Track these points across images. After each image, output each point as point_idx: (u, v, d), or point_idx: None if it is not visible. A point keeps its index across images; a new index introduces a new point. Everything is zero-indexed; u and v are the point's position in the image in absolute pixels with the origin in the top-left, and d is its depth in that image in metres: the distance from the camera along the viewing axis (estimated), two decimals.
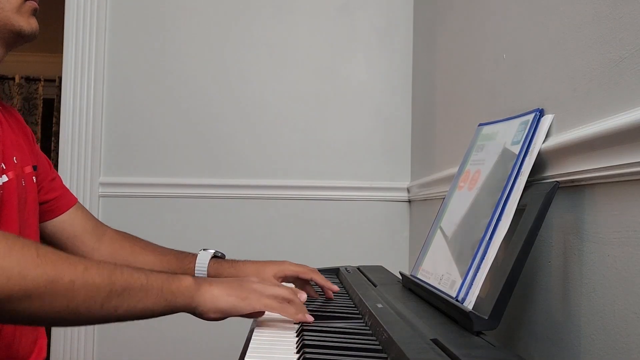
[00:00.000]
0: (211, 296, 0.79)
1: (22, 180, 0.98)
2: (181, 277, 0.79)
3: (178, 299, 0.77)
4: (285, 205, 2.00)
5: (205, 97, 2.01)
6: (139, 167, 2.01)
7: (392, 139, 2.01)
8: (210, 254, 1.12)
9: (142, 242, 1.19)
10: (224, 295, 0.80)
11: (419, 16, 1.95)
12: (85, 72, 1.97)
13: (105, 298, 0.71)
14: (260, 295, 0.82)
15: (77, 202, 1.17)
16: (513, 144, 0.87)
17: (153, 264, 1.14)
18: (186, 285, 0.78)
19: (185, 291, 0.78)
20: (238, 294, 0.80)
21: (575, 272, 0.77)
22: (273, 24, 2.02)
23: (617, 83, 0.69)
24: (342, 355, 0.67)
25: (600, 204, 0.72)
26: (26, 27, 0.97)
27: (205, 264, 1.11)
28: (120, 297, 0.72)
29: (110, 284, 0.71)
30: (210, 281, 0.82)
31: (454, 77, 1.46)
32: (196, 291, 0.79)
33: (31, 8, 0.98)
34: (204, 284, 0.80)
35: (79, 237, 1.13)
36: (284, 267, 1.09)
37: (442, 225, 1.00)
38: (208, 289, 0.79)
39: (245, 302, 0.80)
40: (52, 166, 1.14)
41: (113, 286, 0.72)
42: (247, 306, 0.80)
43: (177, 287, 0.77)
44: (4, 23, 0.94)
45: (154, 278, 0.76)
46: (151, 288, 0.75)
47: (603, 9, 0.73)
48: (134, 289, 0.73)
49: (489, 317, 0.71)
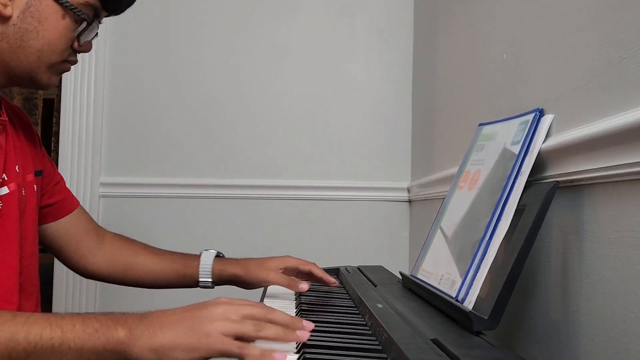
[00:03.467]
0: (152, 350, 0.66)
1: (23, 190, 0.97)
2: (112, 327, 0.67)
3: (106, 358, 0.66)
4: (285, 205, 2.00)
5: (206, 98, 2.01)
6: (139, 167, 2.01)
7: (392, 139, 2.01)
8: (213, 253, 1.14)
9: (141, 244, 1.20)
10: (168, 350, 0.66)
11: (419, 16, 1.95)
12: (85, 73, 1.97)
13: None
14: (219, 337, 0.67)
15: (79, 205, 1.17)
16: (513, 144, 0.87)
17: (155, 264, 1.15)
18: (117, 339, 0.66)
19: (114, 347, 0.66)
20: (187, 342, 0.66)
21: (575, 272, 0.77)
22: (273, 25, 2.02)
23: (617, 83, 0.69)
24: (342, 355, 0.67)
25: (599, 203, 0.72)
26: (44, 83, 0.93)
27: (210, 263, 1.12)
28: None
29: (10, 349, 0.64)
30: (155, 327, 0.67)
31: (454, 77, 1.46)
32: (132, 346, 0.66)
33: (64, 70, 0.95)
34: (143, 335, 0.66)
35: (80, 239, 1.14)
36: (285, 259, 1.13)
37: (442, 225, 1.00)
38: (148, 339, 0.66)
39: (195, 353, 0.66)
40: (56, 169, 1.14)
41: (13, 351, 0.64)
42: (199, 357, 0.66)
43: (103, 344, 0.66)
44: (30, 70, 0.90)
45: (73, 334, 0.66)
46: (67, 349, 0.65)
47: (603, 9, 0.73)
48: (42, 351, 0.64)
49: (489, 317, 0.71)
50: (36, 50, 0.89)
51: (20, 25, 0.87)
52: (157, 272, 1.15)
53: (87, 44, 0.96)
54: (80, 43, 0.94)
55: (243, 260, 1.15)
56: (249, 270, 1.11)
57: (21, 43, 0.88)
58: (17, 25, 0.87)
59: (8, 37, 0.87)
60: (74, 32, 0.92)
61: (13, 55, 0.88)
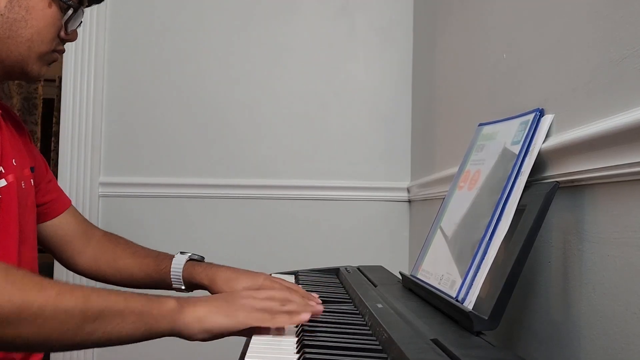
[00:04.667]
0: (196, 317, 0.75)
1: (22, 183, 0.96)
2: (163, 299, 0.75)
3: (160, 324, 0.74)
4: (285, 205, 2.00)
5: (206, 97, 2.01)
6: (139, 167, 2.01)
7: (392, 139, 2.01)
8: (185, 257, 1.08)
9: (124, 245, 1.15)
10: (209, 315, 0.76)
11: (419, 16, 1.95)
12: (85, 72, 1.97)
13: (78, 324, 0.68)
14: (251, 309, 0.77)
15: (71, 204, 1.15)
16: (513, 144, 0.87)
17: (132, 267, 1.12)
18: (168, 308, 0.75)
19: (167, 315, 0.74)
20: (225, 311, 0.76)
21: (575, 272, 0.77)
22: (273, 24, 2.02)
23: (617, 83, 0.69)
24: (342, 355, 0.67)
25: (600, 204, 0.72)
26: (36, 74, 0.94)
27: (180, 267, 1.07)
28: (95, 323, 0.69)
29: (84, 309, 0.69)
30: (196, 301, 0.77)
31: (454, 77, 1.46)
32: (179, 314, 0.75)
33: (54, 59, 0.96)
34: (187, 305, 0.76)
35: (68, 241, 1.12)
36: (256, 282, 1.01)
37: (442, 225, 1.00)
38: (192, 310, 0.75)
39: (233, 320, 0.76)
40: (48, 167, 1.13)
41: (87, 312, 0.69)
42: (237, 324, 0.76)
43: (158, 311, 0.74)
44: (21, 61, 0.91)
45: (133, 302, 0.73)
46: (129, 313, 0.72)
47: (603, 9, 0.73)
48: (110, 314, 0.70)
49: (489, 317, 0.71)
50: (26, 39, 0.89)
51: (9, 16, 0.87)
52: (134, 274, 1.11)
53: (74, 33, 0.97)
54: (67, 31, 0.95)
55: (215, 268, 1.06)
56: (215, 283, 1.03)
57: (10, 33, 0.88)
58: (5, 16, 0.87)
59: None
60: (60, 20, 0.93)
61: (3, 46, 0.88)
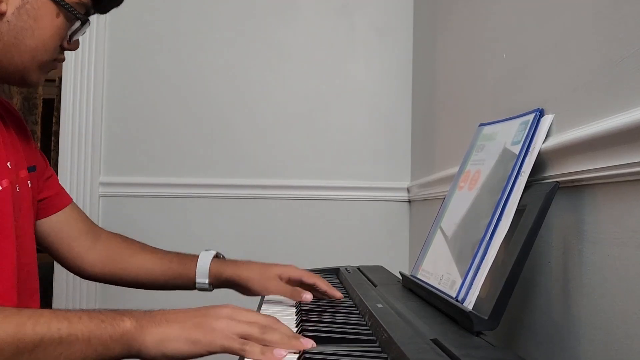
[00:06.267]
0: (156, 340, 0.69)
1: (17, 186, 0.94)
2: (119, 318, 0.69)
3: (112, 349, 0.68)
4: (285, 205, 2.00)
5: (206, 97, 2.01)
6: (139, 167, 2.00)
7: (392, 139, 2.01)
8: (211, 254, 1.11)
9: (138, 244, 1.16)
10: (171, 340, 0.69)
11: (419, 16, 1.95)
12: (85, 72, 1.97)
13: (12, 356, 0.63)
14: (222, 334, 0.69)
15: (72, 202, 1.14)
16: (513, 144, 0.87)
17: (153, 263, 1.12)
18: (123, 330, 0.68)
19: (120, 338, 0.68)
20: (189, 335, 0.69)
21: (575, 273, 0.77)
22: (273, 24, 2.02)
23: (617, 83, 0.69)
24: (342, 355, 0.67)
25: (600, 204, 0.72)
26: (34, 81, 0.92)
27: (207, 264, 1.09)
28: (32, 354, 0.64)
29: (17, 340, 0.64)
30: (160, 319, 0.70)
31: (454, 77, 1.46)
32: (137, 335, 0.69)
33: (53, 68, 0.94)
34: (148, 325, 0.69)
35: (74, 238, 1.11)
36: (288, 270, 1.07)
37: (442, 225, 1.00)
38: (153, 332, 0.69)
39: (197, 347, 0.69)
40: (48, 164, 1.11)
41: (20, 343, 0.64)
42: (200, 351, 0.69)
43: (110, 335, 0.68)
44: (22, 69, 0.89)
45: (81, 326, 0.67)
46: (74, 340, 0.66)
47: (603, 9, 0.73)
48: (50, 344, 0.65)
49: (489, 317, 0.71)
50: (30, 49, 0.87)
51: (16, 23, 0.85)
52: (153, 271, 1.12)
53: (76, 42, 0.95)
54: (71, 41, 0.93)
55: (244, 263, 1.10)
56: (248, 276, 1.07)
57: (15, 41, 0.86)
58: (12, 23, 0.85)
59: (1, 35, 0.85)
60: (66, 30, 0.91)
61: (6, 54, 0.86)
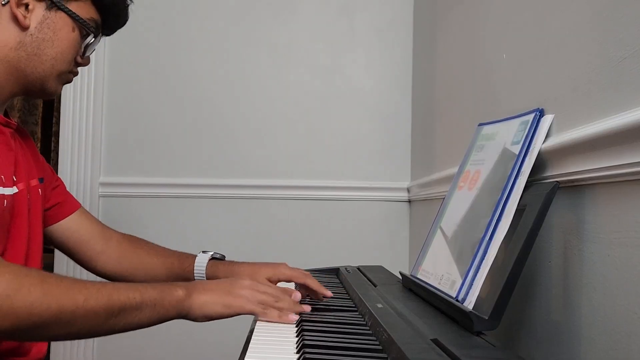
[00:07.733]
0: (200, 304, 0.87)
1: (28, 194, 1.03)
2: (173, 289, 0.87)
3: (170, 312, 0.85)
4: (285, 205, 2.00)
5: (206, 97, 2.01)
6: (139, 167, 2.01)
7: (392, 139, 2.01)
8: (208, 256, 1.17)
9: (146, 245, 1.24)
10: (210, 304, 0.87)
11: (419, 16, 1.95)
12: (85, 72, 1.97)
13: (103, 320, 0.79)
14: (247, 300, 0.89)
15: (81, 207, 1.21)
16: (513, 144, 0.87)
17: (157, 265, 1.20)
18: (177, 297, 0.86)
19: (176, 304, 0.86)
20: (224, 300, 0.88)
21: (576, 272, 0.77)
22: (273, 24, 2.02)
23: (617, 83, 0.69)
24: (342, 355, 0.67)
25: (600, 204, 0.72)
26: (53, 90, 1.03)
27: (204, 265, 1.15)
28: (117, 318, 0.81)
29: (108, 308, 0.79)
30: (202, 288, 0.89)
31: (454, 77, 1.46)
32: (186, 301, 0.86)
33: (68, 80, 1.05)
34: (194, 293, 0.87)
35: (86, 242, 1.18)
36: (278, 271, 1.10)
37: (442, 225, 1.00)
38: (197, 298, 0.87)
39: (230, 309, 0.88)
40: (55, 174, 1.19)
41: (111, 310, 0.80)
42: (232, 313, 0.88)
43: (169, 301, 0.85)
44: (43, 77, 1.00)
45: (148, 295, 0.84)
46: (145, 306, 0.83)
47: (603, 9, 0.73)
48: (129, 309, 0.81)
49: (489, 317, 0.71)
50: (51, 58, 0.99)
51: (38, 35, 0.97)
52: (159, 273, 1.19)
53: (87, 58, 1.07)
54: (84, 56, 1.05)
55: (237, 264, 1.14)
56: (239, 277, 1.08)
57: (37, 51, 0.98)
58: (35, 35, 0.97)
59: (25, 46, 0.97)
60: (81, 44, 1.03)
61: (29, 63, 0.98)
